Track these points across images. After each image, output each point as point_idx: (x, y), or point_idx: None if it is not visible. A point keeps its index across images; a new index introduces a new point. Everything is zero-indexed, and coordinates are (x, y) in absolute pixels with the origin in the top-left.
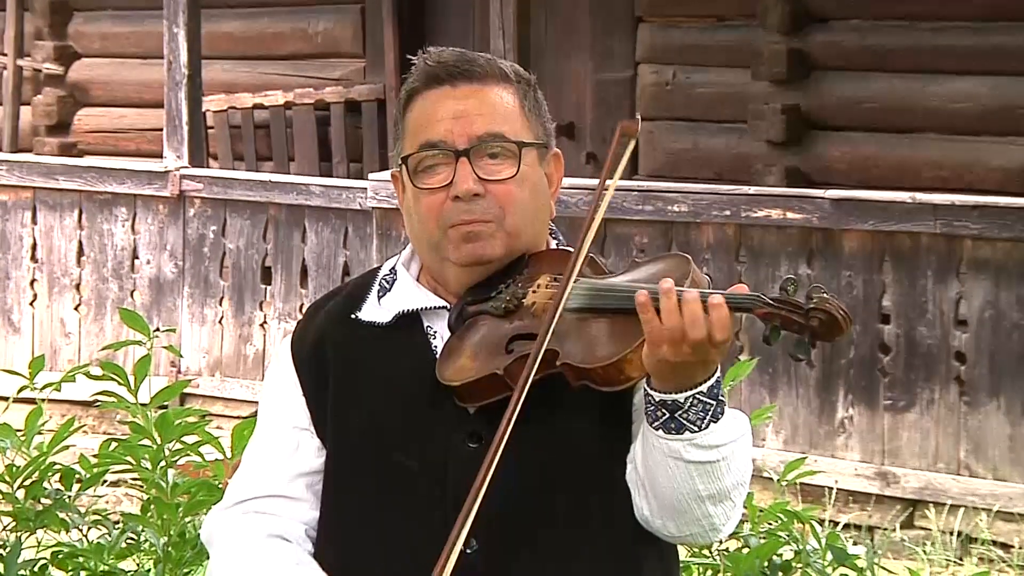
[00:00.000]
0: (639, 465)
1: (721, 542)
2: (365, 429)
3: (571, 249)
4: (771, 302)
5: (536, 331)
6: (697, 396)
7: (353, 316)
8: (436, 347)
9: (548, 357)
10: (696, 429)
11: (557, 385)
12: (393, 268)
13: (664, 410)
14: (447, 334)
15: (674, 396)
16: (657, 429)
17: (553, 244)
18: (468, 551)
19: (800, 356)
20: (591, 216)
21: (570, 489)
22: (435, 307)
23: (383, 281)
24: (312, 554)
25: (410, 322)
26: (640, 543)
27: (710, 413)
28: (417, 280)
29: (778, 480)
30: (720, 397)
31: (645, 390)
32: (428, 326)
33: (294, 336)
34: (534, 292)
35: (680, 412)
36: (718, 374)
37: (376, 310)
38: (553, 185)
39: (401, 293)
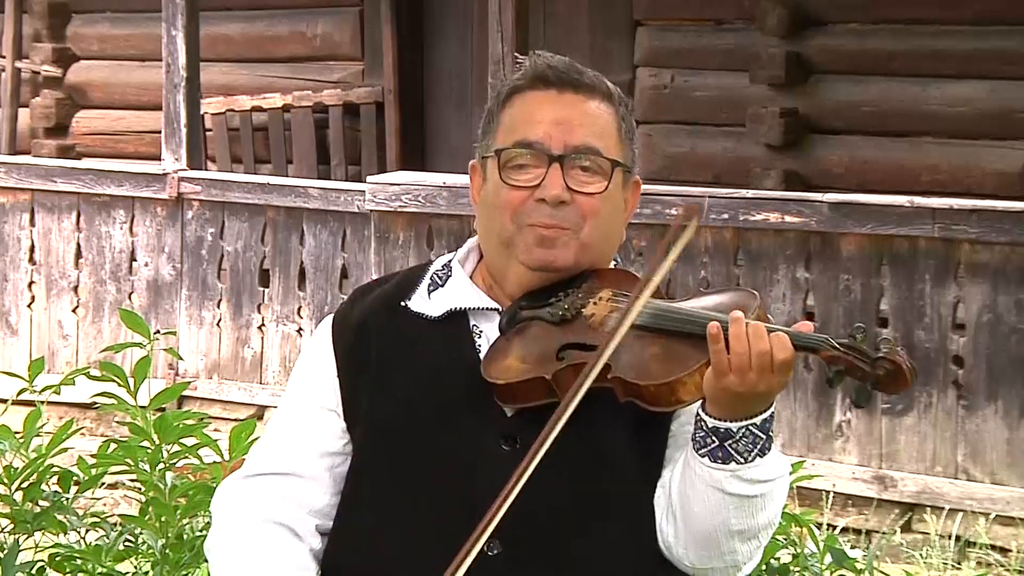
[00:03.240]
0: (674, 490)
1: None
2: (398, 418)
3: (633, 272)
4: (839, 347)
5: (591, 342)
6: (750, 427)
7: (402, 304)
8: (480, 347)
9: (601, 371)
10: (742, 461)
11: (599, 399)
12: (447, 264)
13: (714, 438)
14: (494, 335)
15: (728, 424)
16: (703, 456)
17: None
18: (490, 552)
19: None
20: (669, 243)
21: (598, 503)
22: (486, 308)
23: (435, 276)
24: (327, 543)
25: (457, 319)
26: (658, 566)
27: (759, 447)
28: (471, 278)
29: None
30: (770, 432)
31: (698, 415)
32: (474, 325)
33: (336, 316)
34: (595, 304)
35: (730, 442)
36: (773, 409)
37: (425, 303)
38: (628, 211)
39: (454, 290)
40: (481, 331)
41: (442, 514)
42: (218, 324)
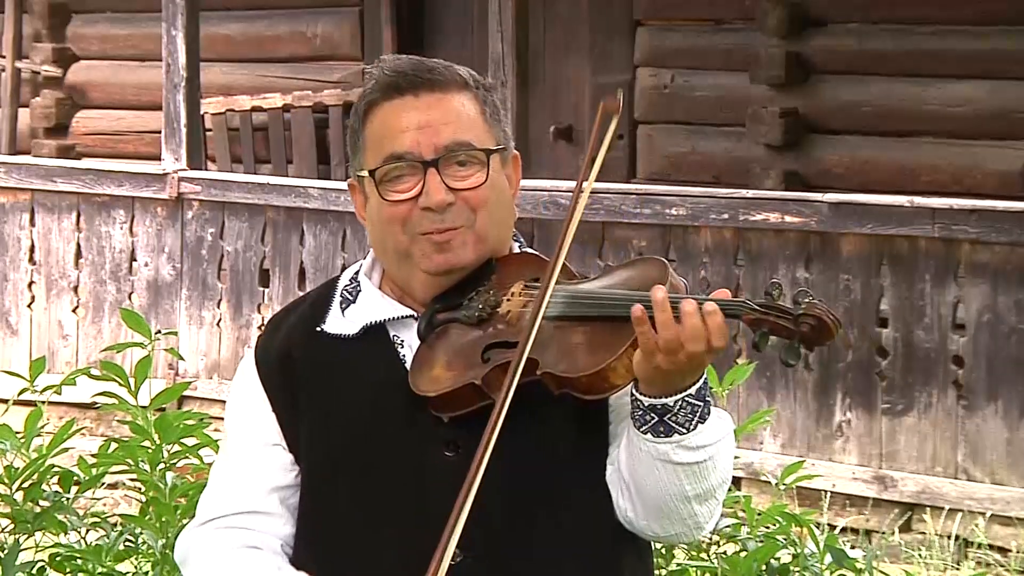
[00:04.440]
0: (623, 468)
1: (719, 544)
2: (339, 443)
3: (538, 253)
4: (758, 308)
5: (512, 339)
6: (686, 399)
7: (318, 329)
8: (404, 356)
9: (528, 366)
10: (684, 431)
11: (533, 392)
12: (354, 278)
13: (653, 414)
14: (415, 343)
15: (664, 400)
16: (645, 433)
17: (516, 248)
18: (453, 561)
19: (791, 362)
20: (571, 210)
21: (551, 494)
22: (402, 316)
23: (344, 292)
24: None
25: (376, 333)
26: (620, 543)
27: (698, 414)
28: (380, 289)
29: (776, 483)
30: (707, 397)
31: (633, 395)
32: (394, 335)
33: (258, 351)
34: (508, 300)
35: (669, 416)
36: (705, 375)
37: (341, 322)
38: (513, 187)
39: (366, 304)
40: (402, 340)
41: (399, 531)
42: (218, 324)
